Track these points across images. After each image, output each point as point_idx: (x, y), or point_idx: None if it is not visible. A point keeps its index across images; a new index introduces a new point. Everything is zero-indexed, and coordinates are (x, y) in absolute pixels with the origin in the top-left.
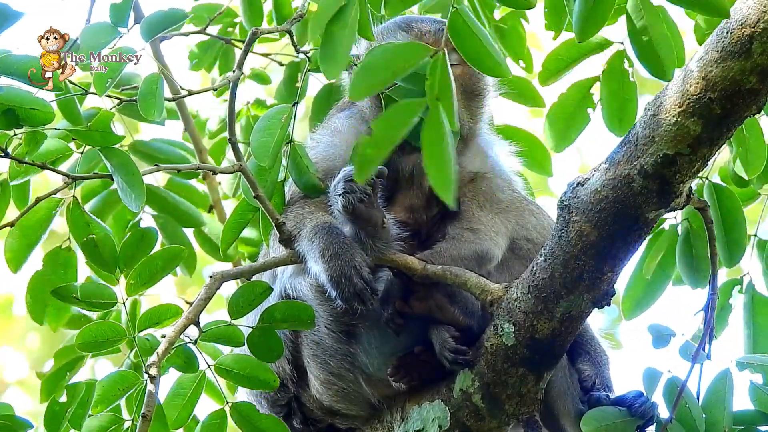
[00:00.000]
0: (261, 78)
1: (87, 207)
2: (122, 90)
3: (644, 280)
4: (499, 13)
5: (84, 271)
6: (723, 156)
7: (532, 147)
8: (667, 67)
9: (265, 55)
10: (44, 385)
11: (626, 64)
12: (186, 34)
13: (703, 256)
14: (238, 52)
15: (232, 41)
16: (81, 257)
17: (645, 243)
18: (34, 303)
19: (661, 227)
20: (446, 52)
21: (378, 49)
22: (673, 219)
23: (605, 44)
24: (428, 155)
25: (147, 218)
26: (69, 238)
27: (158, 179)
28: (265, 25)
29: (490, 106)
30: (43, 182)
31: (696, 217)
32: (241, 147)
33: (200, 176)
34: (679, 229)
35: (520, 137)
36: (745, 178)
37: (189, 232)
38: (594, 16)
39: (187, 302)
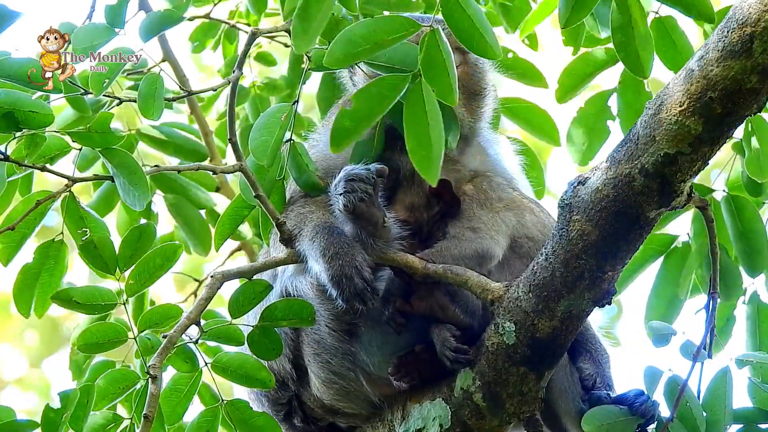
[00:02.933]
0: (266, 60)
1: (96, 193)
2: (128, 75)
3: (668, 298)
4: None
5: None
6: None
7: (539, 118)
8: (645, 65)
9: (270, 37)
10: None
11: None
12: (191, 19)
13: (731, 267)
14: (241, 36)
15: (236, 25)
16: (73, 250)
17: (660, 262)
18: (21, 295)
19: (674, 245)
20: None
21: (363, 21)
22: (685, 236)
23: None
24: (409, 132)
25: (158, 200)
26: (62, 232)
27: (168, 161)
28: (269, 2)
29: (491, 105)
30: (38, 177)
31: (720, 230)
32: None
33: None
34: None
35: (526, 109)
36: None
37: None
38: (579, 4)
39: (196, 279)
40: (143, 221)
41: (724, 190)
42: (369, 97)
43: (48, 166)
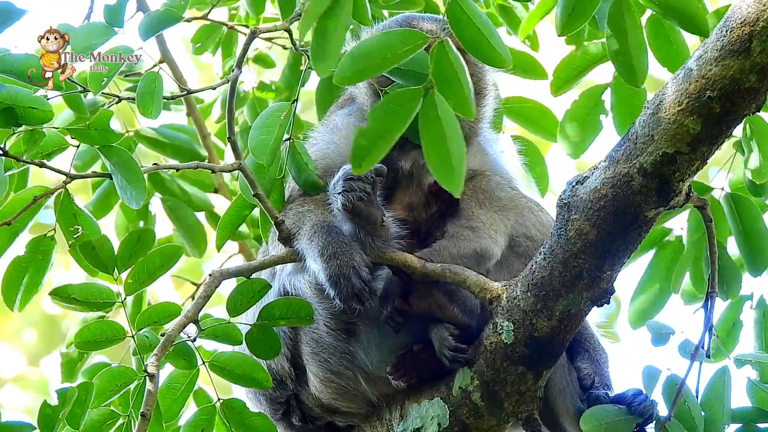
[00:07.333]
0: (264, 62)
1: (95, 194)
2: (126, 77)
3: (656, 290)
4: None
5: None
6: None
7: (540, 115)
8: (638, 74)
9: (269, 38)
10: (63, 367)
11: None
12: (188, 20)
13: (730, 264)
14: (240, 38)
15: (235, 27)
16: (62, 246)
17: (652, 256)
18: (8, 287)
19: (666, 239)
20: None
21: (372, 36)
22: (679, 230)
23: None
24: (427, 146)
25: (155, 201)
26: (54, 229)
27: (166, 163)
28: (269, 7)
29: (491, 105)
30: (34, 172)
31: (720, 228)
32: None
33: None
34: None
35: (527, 108)
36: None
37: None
38: (576, 12)
39: (194, 283)
40: (140, 224)
41: (722, 189)
42: (383, 114)
43: (46, 162)
